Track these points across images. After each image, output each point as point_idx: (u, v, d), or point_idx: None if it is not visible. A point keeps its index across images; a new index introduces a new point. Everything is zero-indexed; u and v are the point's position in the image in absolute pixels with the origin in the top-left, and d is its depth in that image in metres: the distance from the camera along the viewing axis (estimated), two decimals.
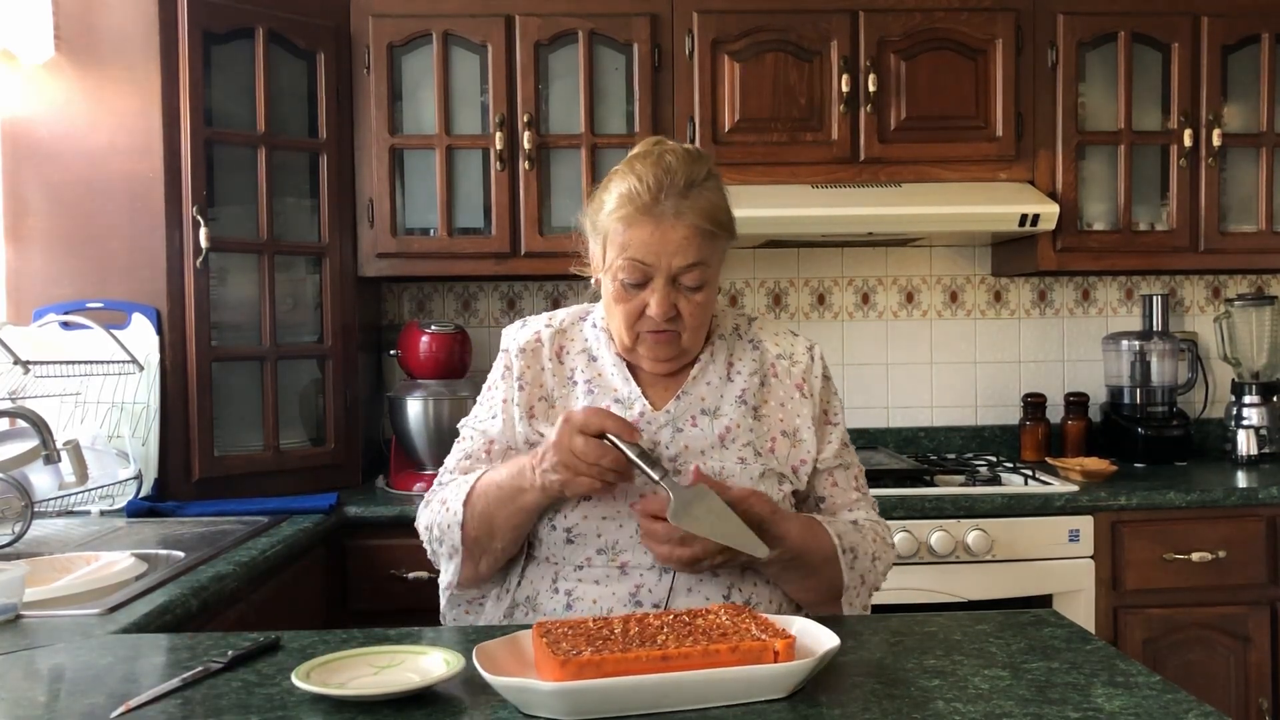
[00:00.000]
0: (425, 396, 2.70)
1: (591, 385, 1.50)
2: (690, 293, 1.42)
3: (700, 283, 1.42)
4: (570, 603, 1.40)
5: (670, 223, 1.39)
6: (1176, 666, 2.48)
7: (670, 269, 1.40)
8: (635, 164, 1.43)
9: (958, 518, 2.46)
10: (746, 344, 1.55)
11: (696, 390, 1.49)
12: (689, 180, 1.40)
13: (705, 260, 1.41)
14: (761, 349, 1.54)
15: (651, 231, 1.39)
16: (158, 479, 2.38)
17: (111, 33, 2.42)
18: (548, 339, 1.54)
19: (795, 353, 1.55)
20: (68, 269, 2.45)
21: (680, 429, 1.46)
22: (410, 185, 2.81)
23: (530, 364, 1.52)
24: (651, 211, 1.39)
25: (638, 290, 1.42)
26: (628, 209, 1.40)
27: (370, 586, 2.43)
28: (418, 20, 2.75)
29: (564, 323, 1.57)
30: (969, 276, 3.21)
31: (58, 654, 1.32)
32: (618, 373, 1.50)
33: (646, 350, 1.46)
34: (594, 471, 1.30)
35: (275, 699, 1.10)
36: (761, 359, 1.53)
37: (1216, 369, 3.19)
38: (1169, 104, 2.87)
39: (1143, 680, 1.12)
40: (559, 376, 1.52)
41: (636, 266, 1.40)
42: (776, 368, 1.53)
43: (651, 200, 1.38)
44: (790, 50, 2.78)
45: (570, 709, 1.02)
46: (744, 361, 1.53)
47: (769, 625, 1.13)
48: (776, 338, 1.57)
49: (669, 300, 1.41)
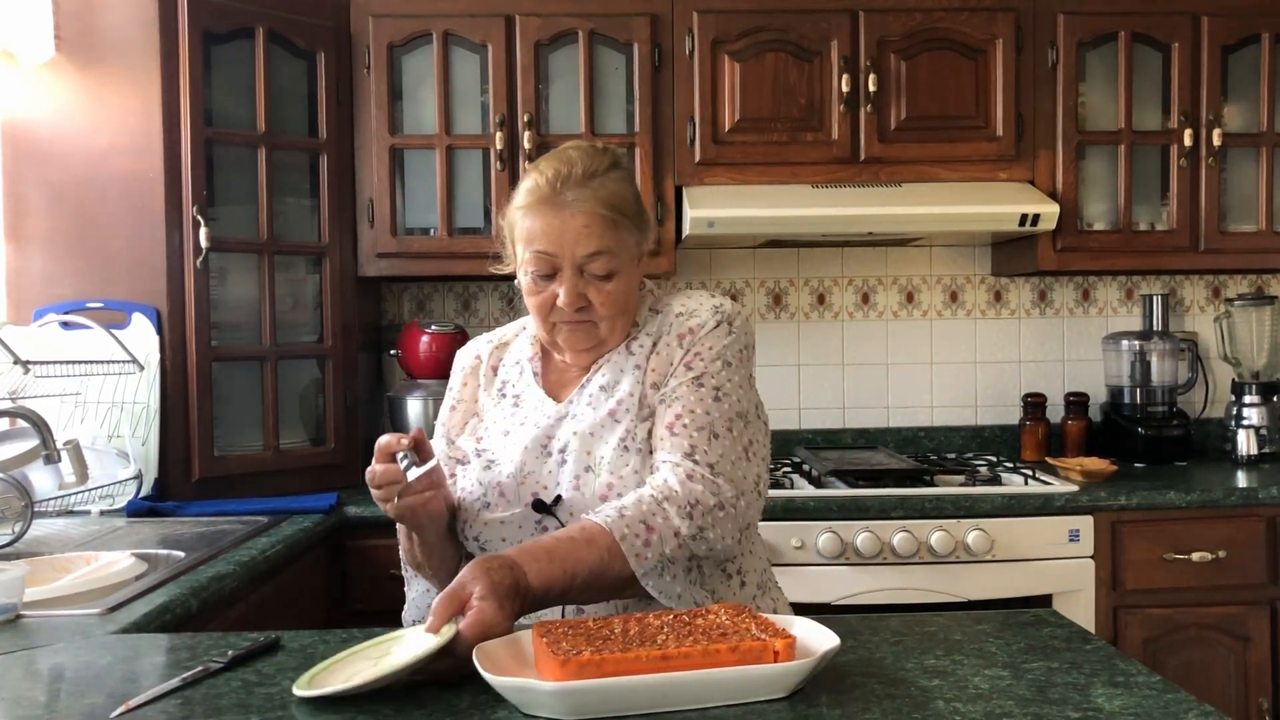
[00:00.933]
0: (425, 396, 2.70)
1: (520, 397, 1.51)
2: (600, 281, 1.42)
3: (608, 271, 1.41)
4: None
5: (569, 212, 1.40)
6: (1176, 666, 2.48)
7: (575, 258, 1.40)
8: (541, 163, 1.45)
9: (958, 518, 2.46)
10: (650, 313, 1.51)
11: (599, 376, 1.46)
12: (588, 171, 1.42)
13: (609, 249, 1.41)
14: (664, 313, 1.49)
15: (551, 221, 1.40)
16: (158, 479, 2.38)
17: (111, 33, 2.42)
18: (486, 355, 1.58)
19: (698, 309, 1.47)
20: (68, 269, 2.45)
21: (575, 416, 1.43)
22: (410, 185, 2.81)
23: (468, 382, 1.57)
24: (551, 202, 1.40)
25: (547, 282, 1.42)
26: (529, 200, 1.42)
27: (370, 586, 2.43)
28: (418, 20, 2.75)
29: (505, 337, 1.60)
30: (969, 276, 3.21)
31: (58, 654, 1.32)
32: (524, 378, 1.52)
33: (564, 340, 1.46)
34: (380, 494, 1.34)
35: (275, 699, 1.10)
36: (662, 321, 1.48)
37: (1216, 369, 3.19)
38: (1169, 104, 2.87)
39: (1143, 680, 1.12)
40: (490, 392, 1.54)
41: (542, 258, 1.41)
42: (674, 325, 1.47)
43: (550, 191, 1.40)
44: (790, 50, 2.78)
45: (570, 709, 1.02)
46: (644, 330, 1.49)
47: (769, 625, 1.13)
48: (687, 300, 1.50)
49: (576, 290, 1.41)
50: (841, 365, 3.17)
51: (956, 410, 3.21)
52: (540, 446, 1.43)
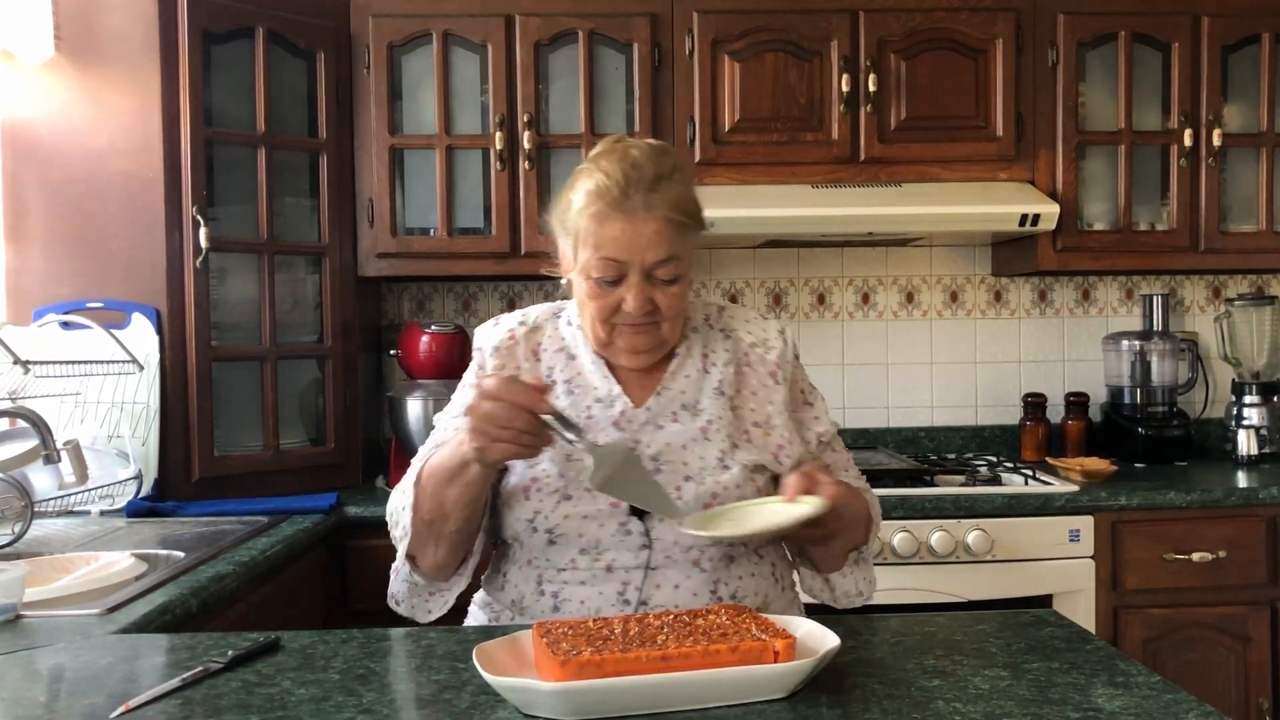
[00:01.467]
0: (425, 396, 2.70)
1: (571, 385, 1.48)
2: (665, 285, 1.41)
3: (675, 275, 1.41)
4: (558, 604, 1.39)
5: (642, 217, 1.38)
6: (1176, 666, 2.48)
7: (644, 264, 1.39)
8: (600, 161, 1.42)
9: (958, 518, 2.46)
10: (719, 334, 1.55)
11: (675, 385, 1.48)
12: (656, 174, 1.40)
13: (678, 254, 1.41)
14: (734, 338, 1.54)
15: (623, 228, 1.38)
16: (158, 479, 2.38)
17: (111, 33, 2.42)
18: (522, 337, 1.53)
19: (768, 338, 1.54)
20: (68, 269, 2.45)
21: (661, 425, 1.45)
22: (410, 185, 2.81)
23: (505, 362, 1.51)
24: (622, 207, 1.38)
25: (612, 287, 1.41)
26: (598, 205, 1.39)
27: (370, 586, 2.42)
28: (418, 20, 2.75)
29: (537, 320, 1.56)
30: (969, 276, 3.21)
31: (58, 654, 1.32)
32: (596, 370, 1.49)
33: (624, 343, 1.45)
34: (507, 435, 1.26)
35: (275, 699, 1.10)
36: (735, 348, 1.53)
37: (1216, 369, 3.19)
38: (1169, 104, 2.87)
39: (1143, 680, 1.12)
40: (535, 375, 1.50)
41: (610, 264, 1.39)
42: (750, 356, 1.52)
43: (621, 195, 1.38)
44: (790, 50, 2.78)
45: (570, 709, 1.02)
46: (718, 353, 1.52)
47: (769, 625, 1.13)
48: (748, 325, 1.56)
49: (644, 295, 1.40)
50: (841, 365, 3.17)
51: (956, 410, 3.21)
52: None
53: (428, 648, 1.27)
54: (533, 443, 1.28)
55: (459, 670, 1.18)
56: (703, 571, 1.40)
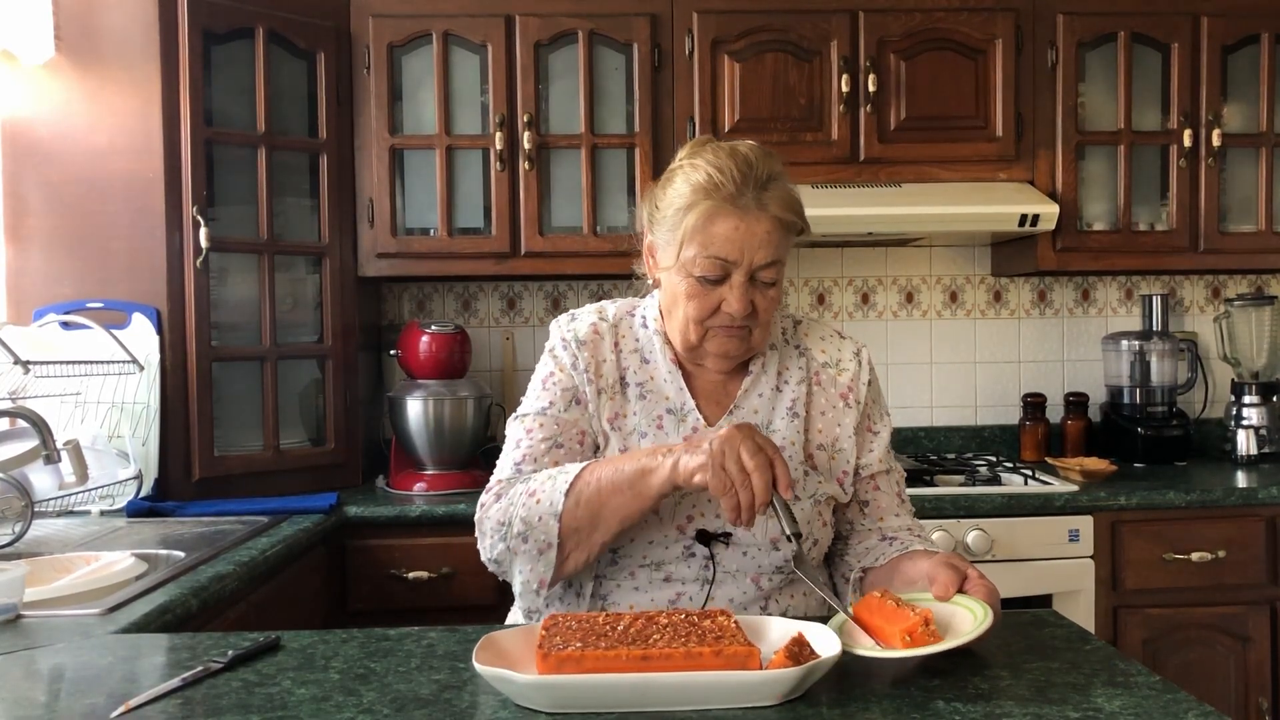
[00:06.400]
0: (425, 396, 2.70)
1: (644, 390, 1.44)
2: (765, 288, 1.38)
3: (775, 278, 1.39)
4: (605, 607, 1.40)
5: (755, 215, 1.34)
6: (1176, 666, 2.48)
7: (751, 264, 1.35)
8: (706, 156, 1.37)
9: (958, 518, 2.46)
10: (794, 350, 1.51)
11: (749, 403, 1.45)
12: (769, 173, 1.36)
13: (782, 257, 1.38)
14: (808, 356, 1.50)
15: (736, 226, 1.34)
16: (158, 479, 2.38)
17: (111, 33, 2.42)
18: (606, 331, 1.48)
19: (842, 359, 1.50)
20: (68, 269, 2.45)
21: None
22: (410, 185, 2.81)
23: (594, 355, 1.46)
24: (736, 203, 1.34)
25: (714, 286, 1.37)
26: (710, 201, 1.34)
27: (370, 586, 2.43)
28: (418, 20, 2.75)
29: (615, 317, 1.51)
30: (969, 276, 3.22)
31: (58, 654, 1.32)
32: (672, 381, 1.45)
33: (715, 346, 1.41)
34: (741, 480, 1.21)
35: (275, 699, 1.10)
36: (808, 366, 1.49)
37: (1216, 369, 3.19)
38: (1169, 104, 2.87)
39: (1142, 680, 1.12)
40: (614, 378, 1.45)
41: (717, 263, 1.35)
42: (821, 376, 1.49)
43: (736, 191, 1.33)
44: (790, 50, 2.78)
45: (550, 702, 1.02)
46: (792, 370, 1.48)
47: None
48: (823, 343, 1.52)
49: (748, 297, 1.36)
50: None
51: (956, 410, 3.21)
52: None
53: (428, 648, 1.27)
54: (748, 510, 1.23)
55: (459, 670, 1.18)
56: (760, 590, 1.39)
